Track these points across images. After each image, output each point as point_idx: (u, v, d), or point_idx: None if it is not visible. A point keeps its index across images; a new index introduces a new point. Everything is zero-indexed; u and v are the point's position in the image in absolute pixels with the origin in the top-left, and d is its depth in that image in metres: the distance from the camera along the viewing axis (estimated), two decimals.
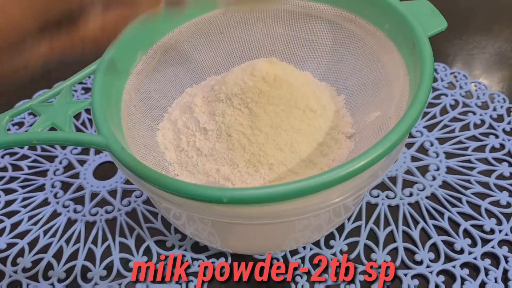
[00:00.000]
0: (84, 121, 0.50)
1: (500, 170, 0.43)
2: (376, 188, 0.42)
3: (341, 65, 0.40)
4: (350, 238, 0.39)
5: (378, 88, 0.36)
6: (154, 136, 0.37)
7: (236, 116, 0.34)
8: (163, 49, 0.38)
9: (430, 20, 0.33)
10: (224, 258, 0.38)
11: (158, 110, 0.38)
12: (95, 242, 0.40)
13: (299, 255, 0.38)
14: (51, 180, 0.45)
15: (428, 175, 0.43)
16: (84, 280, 0.37)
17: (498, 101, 0.50)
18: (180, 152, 0.35)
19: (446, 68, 0.54)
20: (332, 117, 0.36)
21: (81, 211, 0.42)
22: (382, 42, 0.36)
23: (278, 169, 0.33)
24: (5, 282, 0.37)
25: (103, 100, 0.31)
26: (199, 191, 0.25)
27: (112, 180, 0.44)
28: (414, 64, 0.31)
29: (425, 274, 0.36)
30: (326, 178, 0.24)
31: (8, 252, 0.39)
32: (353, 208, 0.36)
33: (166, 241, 0.39)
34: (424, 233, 0.39)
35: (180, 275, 0.37)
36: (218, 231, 0.34)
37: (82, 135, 0.29)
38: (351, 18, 0.38)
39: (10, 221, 0.42)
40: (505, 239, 0.38)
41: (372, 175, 0.28)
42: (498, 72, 0.54)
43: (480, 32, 0.59)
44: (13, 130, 0.50)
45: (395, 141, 0.26)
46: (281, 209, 0.27)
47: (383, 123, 0.33)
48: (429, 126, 0.47)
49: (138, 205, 0.42)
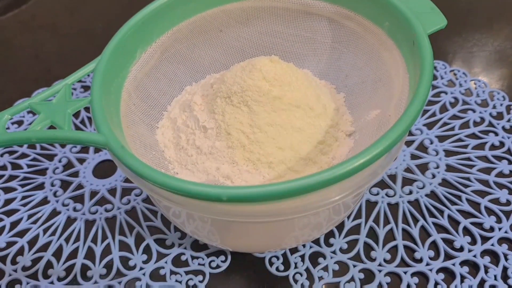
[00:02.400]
0: (83, 119, 0.50)
1: (500, 168, 0.43)
2: (375, 186, 0.42)
3: (340, 63, 0.40)
4: (349, 236, 0.39)
5: (377, 86, 0.36)
6: (154, 134, 0.37)
7: (235, 114, 0.34)
8: (162, 47, 0.38)
9: (430, 18, 0.33)
10: (223, 257, 0.38)
11: (158, 108, 0.38)
12: (95, 241, 0.40)
13: (298, 253, 0.38)
14: (51, 178, 0.45)
15: (428, 173, 0.43)
16: (84, 279, 0.37)
17: (498, 99, 0.49)
18: (179, 150, 0.35)
19: (445, 66, 0.54)
20: (331, 115, 0.36)
21: (80, 210, 0.42)
22: (381, 40, 0.36)
23: (277, 167, 0.33)
24: (4, 280, 0.37)
25: (102, 98, 0.31)
26: (198, 189, 0.25)
27: (111, 179, 0.44)
28: (414, 62, 0.31)
29: (424, 272, 0.36)
30: (325, 176, 0.24)
31: (8, 251, 0.39)
32: (352, 206, 0.36)
33: (166, 239, 0.39)
34: (423, 231, 0.39)
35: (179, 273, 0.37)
36: (217, 230, 0.34)
37: (81, 133, 0.29)
38: (350, 16, 0.38)
39: (10, 220, 0.42)
40: (505, 237, 0.38)
41: (372, 173, 0.28)
42: (498, 70, 0.54)
43: (480, 30, 0.59)
44: (12, 128, 0.50)
45: (395, 139, 0.26)
46: (280, 207, 0.27)
47: (383, 121, 0.33)
48: (429, 124, 0.47)
49: (138, 204, 0.42)
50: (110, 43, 0.34)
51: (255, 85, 0.33)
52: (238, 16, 0.40)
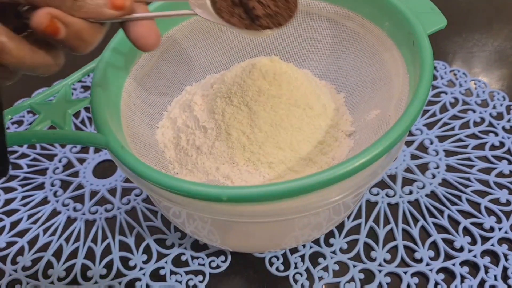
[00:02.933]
0: (83, 119, 0.50)
1: (500, 168, 0.43)
2: (376, 186, 0.42)
3: (340, 63, 0.40)
4: (350, 236, 0.39)
5: (377, 86, 0.36)
6: (154, 134, 0.37)
7: (235, 114, 0.34)
8: (162, 48, 0.38)
9: (430, 18, 0.33)
10: (224, 257, 0.38)
11: (158, 108, 0.38)
12: (95, 241, 0.40)
13: (299, 253, 0.38)
14: (51, 178, 0.45)
15: (428, 173, 0.43)
16: (84, 279, 0.37)
17: (498, 99, 0.49)
18: (179, 150, 0.35)
19: (445, 66, 0.54)
20: (331, 115, 0.36)
21: (80, 210, 0.42)
22: (381, 40, 0.36)
23: (277, 167, 0.33)
24: (5, 280, 0.37)
25: (103, 98, 0.31)
26: (198, 189, 0.25)
27: (111, 179, 0.44)
28: (414, 62, 0.31)
29: (424, 272, 0.36)
30: (325, 176, 0.24)
31: (8, 251, 0.39)
32: (352, 206, 0.36)
33: (166, 239, 0.39)
34: (423, 231, 0.39)
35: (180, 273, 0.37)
36: (217, 230, 0.34)
37: (81, 133, 0.29)
38: (350, 16, 0.38)
39: (10, 220, 0.42)
40: (505, 237, 0.38)
41: (372, 173, 0.28)
42: (497, 70, 0.54)
43: (480, 30, 0.59)
44: (12, 128, 0.50)
45: (395, 139, 0.26)
46: (280, 207, 0.27)
47: (383, 121, 0.33)
48: (429, 124, 0.47)
49: (138, 204, 0.42)
50: (110, 43, 0.34)
51: (255, 85, 0.33)
52: None
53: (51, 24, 0.21)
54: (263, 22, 0.28)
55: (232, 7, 0.28)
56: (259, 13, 0.28)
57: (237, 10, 0.28)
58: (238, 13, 0.28)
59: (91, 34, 0.23)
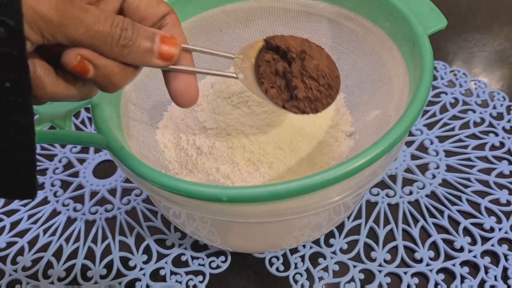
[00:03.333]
0: (83, 119, 0.50)
1: (500, 168, 0.43)
2: (376, 187, 0.42)
3: (341, 63, 0.40)
4: (350, 236, 0.39)
5: (378, 86, 0.36)
6: (154, 134, 0.37)
7: (236, 114, 0.34)
8: None
9: (430, 18, 0.33)
10: (224, 257, 0.38)
11: (158, 108, 0.38)
12: (95, 241, 0.40)
13: (299, 253, 0.38)
14: (51, 178, 0.45)
15: (428, 173, 0.43)
16: (84, 279, 0.37)
17: (498, 99, 0.49)
18: (180, 150, 0.35)
19: (446, 66, 0.54)
20: (331, 115, 0.36)
21: (80, 210, 0.42)
22: (382, 40, 0.36)
23: (277, 167, 0.33)
24: (5, 280, 0.37)
25: (103, 98, 0.31)
26: (199, 189, 0.25)
27: (111, 179, 0.44)
28: (414, 62, 0.31)
29: (425, 272, 0.36)
30: (325, 176, 0.24)
31: (8, 251, 0.39)
32: (353, 206, 0.36)
33: (166, 239, 0.39)
34: (424, 231, 0.39)
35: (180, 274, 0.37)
36: (217, 230, 0.34)
37: (81, 133, 0.29)
38: (351, 16, 0.38)
39: (10, 220, 0.42)
40: (505, 237, 0.38)
41: (372, 174, 0.28)
42: (498, 70, 0.54)
43: (480, 30, 0.59)
44: None
45: (395, 140, 0.26)
46: (281, 208, 0.27)
47: (383, 121, 0.33)
48: (429, 124, 0.47)
49: (138, 204, 0.42)
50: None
51: None
52: (238, 16, 0.40)
53: (79, 64, 0.21)
54: (301, 105, 0.27)
55: (275, 76, 0.28)
56: (300, 96, 0.27)
57: (279, 81, 0.28)
58: (279, 84, 0.28)
59: (121, 77, 0.23)
